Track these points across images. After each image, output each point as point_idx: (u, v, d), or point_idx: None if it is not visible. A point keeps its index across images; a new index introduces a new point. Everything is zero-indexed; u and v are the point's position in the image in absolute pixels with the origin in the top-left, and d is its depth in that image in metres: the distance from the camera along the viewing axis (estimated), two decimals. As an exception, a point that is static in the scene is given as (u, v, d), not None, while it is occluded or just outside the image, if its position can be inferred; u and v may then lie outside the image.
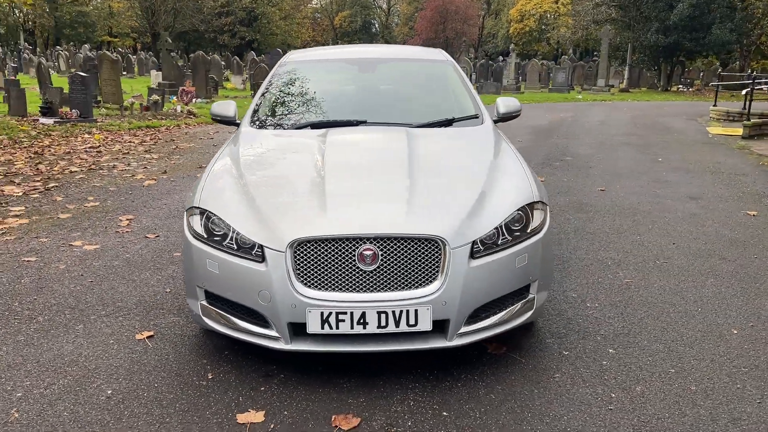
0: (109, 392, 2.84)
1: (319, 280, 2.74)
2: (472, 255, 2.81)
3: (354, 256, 2.72)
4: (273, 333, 2.80)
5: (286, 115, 4.13)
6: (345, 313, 2.70)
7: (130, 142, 10.66)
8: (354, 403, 2.75)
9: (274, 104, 4.23)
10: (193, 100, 16.82)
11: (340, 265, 2.73)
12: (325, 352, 2.78)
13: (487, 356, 3.18)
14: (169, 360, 3.13)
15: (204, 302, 3.00)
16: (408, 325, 2.74)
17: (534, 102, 21.15)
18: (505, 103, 4.30)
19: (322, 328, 2.72)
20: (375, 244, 2.73)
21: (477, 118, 4.10)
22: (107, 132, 11.86)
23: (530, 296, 3.04)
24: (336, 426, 2.59)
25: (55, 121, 12.61)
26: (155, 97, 14.97)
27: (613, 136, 11.50)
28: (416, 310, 2.72)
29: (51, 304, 3.81)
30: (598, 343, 3.32)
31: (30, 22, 65.35)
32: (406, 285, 2.75)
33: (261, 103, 4.24)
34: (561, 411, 2.71)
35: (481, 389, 2.88)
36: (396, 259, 2.74)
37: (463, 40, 49.80)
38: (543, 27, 61.11)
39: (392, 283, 2.74)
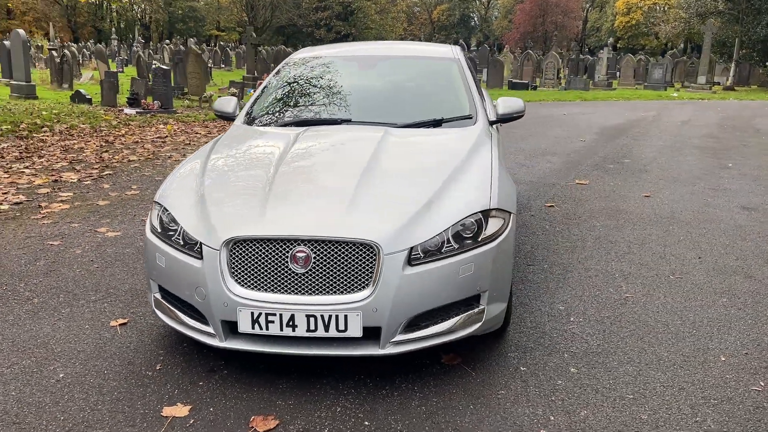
0: (61, 375, 2.98)
1: (253, 279, 2.74)
2: (410, 262, 2.73)
3: (287, 257, 2.71)
4: (210, 330, 2.84)
5: (276, 112, 4.16)
6: (274, 314, 2.70)
7: (197, 133, 11.11)
8: (282, 405, 2.75)
9: (269, 101, 4.28)
10: (272, 93, 17.29)
11: (273, 266, 2.73)
12: (256, 351, 2.79)
13: (438, 366, 3.08)
14: (129, 348, 3.25)
15: (157, 295, 3.09)
16: (337, 330, 2.70)
17: (622, 99, 20.21)
18: (506, 103, 4.12)
19: (253, 327, 2.73)
20: (308, 247, 2.70)
21: (470, 118, 3.96)
22: (182, 123, 12.42)
23: (480, 307, 2.91)
24: (252, 427, 2.59)
25: (137, 112, 13.35)
26: (233, 89, 15.52)
27: (688, 138, 10.79)
28: (346, 316, 2.68)
29: (52, 287, 4.03)
30: (563, 361, 3.14)
31: (147, 17, 69.58)
32: (338, 289, 2.71)
33: (258, 99, 4.30)
34: (488, 431, 2.58)
35: (415, 400, 2.79)
36: (329, 263, 2.70)
37: (554, 33, 48.24)
38: (652, 20, 58.04)
39: (324, 287, 2.71)
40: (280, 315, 2.69)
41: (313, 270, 2.71)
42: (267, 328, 2.72)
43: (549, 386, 2.91)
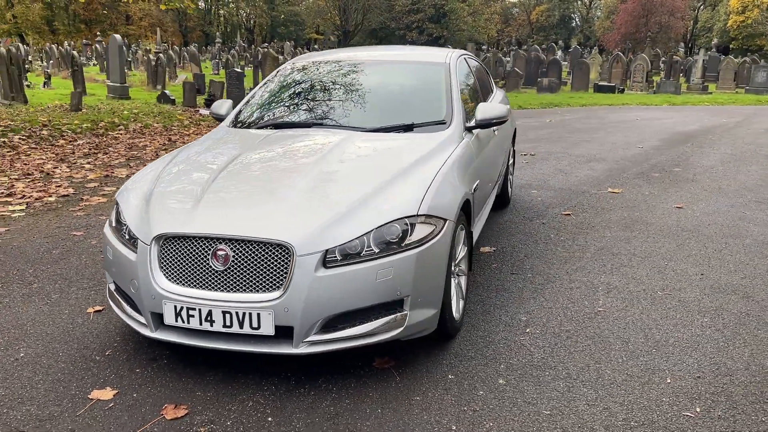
0: (21, 355, 3.25)
1: (178, 275, 2.89)
2: (325, 264, 2.78)
3: (209, 255, 2.84)
4: (144, 320, 3.01)
5: (257, 115, 4.30)
6: (194, 309, 2.83)
7: (257, 133, 11.51)
8: (200, 396, 2.87)
9: (255, 104, 4.43)
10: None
11: (196, 263, 2.86)
12: (179, 343, 2.93)
13: (368, 369, 3.10)
14: (92, 333, 3.48)
15: (111, 286, 3.30)
16: (251, 327, 2.79)
17: (715, 104, 19.06)
18: (485, 108, 4.06)
19: (176, 320, 2.87)
20: (228, 246, 2.82)
21: (443, 123, 3.94)
22: (250, 123, 12.90)
23: (402, 312, 2.91)
24: (162, 414, 2.73)
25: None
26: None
27: (762, 147, 10.04)
28: (258, 314, 2.77)
29: (55, 274, 4.37)
30: (496, 372, 3.08)
31: (251, 22, 72.58)
32: (254, 288, 2.80)
33: (247, 102, 4.47)
34: (383, 435, 2.59)
35: (328, 401, 2.84)
36: (246, 262, 2.80)
37: (649, 35, 45.96)
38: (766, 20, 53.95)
39: (240, 285, 2.81)
40: (200, 310, 2.82)
41: (232, 268, 2.81)
42: (188, 322, 2.85)
43: (468, 396, 2.87)
